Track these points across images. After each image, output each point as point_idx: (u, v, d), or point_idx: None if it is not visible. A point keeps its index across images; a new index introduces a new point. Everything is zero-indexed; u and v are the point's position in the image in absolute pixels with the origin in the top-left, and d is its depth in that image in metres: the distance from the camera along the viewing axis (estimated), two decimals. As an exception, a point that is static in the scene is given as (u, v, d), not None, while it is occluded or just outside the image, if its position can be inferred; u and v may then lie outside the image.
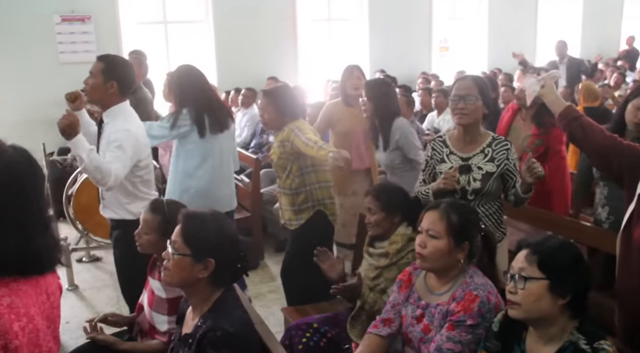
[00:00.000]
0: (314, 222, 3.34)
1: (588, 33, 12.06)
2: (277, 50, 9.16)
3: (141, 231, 2.43)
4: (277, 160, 3.33)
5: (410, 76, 9.29)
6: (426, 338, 1.97)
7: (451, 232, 1.95)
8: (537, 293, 1.60)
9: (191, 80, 3.44)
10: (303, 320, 2.64)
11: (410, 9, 10.20)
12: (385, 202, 2.53)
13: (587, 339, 1.58)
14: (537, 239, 1.70)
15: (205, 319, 1.77)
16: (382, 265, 2.50)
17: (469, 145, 2.60)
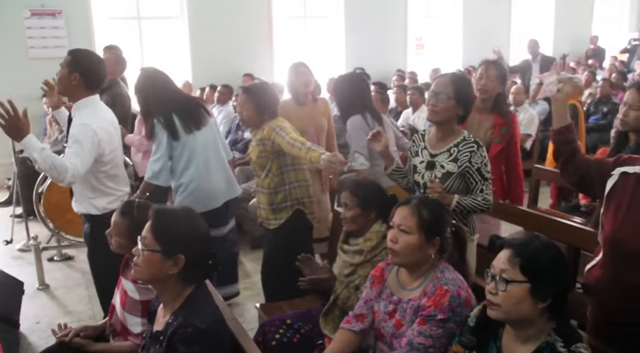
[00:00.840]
0: (294, 221, 3.33)
1: (560, 32, 12.26)
2: (253, 47, 9.12)
3: (112, 232, 2.40)
4: (256, 158, 3.29)
5: (386, 73, 9.33)
6: (398, 333, 1.98)
7: (422, 227, 1.96)
8: (518, 296, 1.60)
9: (150, 87, 3.43)
10: (276, 317, 2.64)
11: (386, 6, 10.24)
12: (362, 197, 2.52)
13: (564, 341, 1.59)
14: (520, 240, 1.68)
15: (176, 316, 1.76)
16: (356, 262, 2.50)
17: (439, 142, 2.62)
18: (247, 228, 5.22)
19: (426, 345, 1.85)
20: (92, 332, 2.48)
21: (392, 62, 10.13)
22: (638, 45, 12.37)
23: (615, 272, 1.85)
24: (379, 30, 10.12)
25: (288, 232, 3.30)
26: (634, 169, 1.87)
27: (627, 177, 1.88)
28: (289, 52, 9.34)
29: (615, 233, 1.85)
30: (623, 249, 1.81)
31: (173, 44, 8.94)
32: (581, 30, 12.61)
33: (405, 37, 10.69)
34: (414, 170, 2.68)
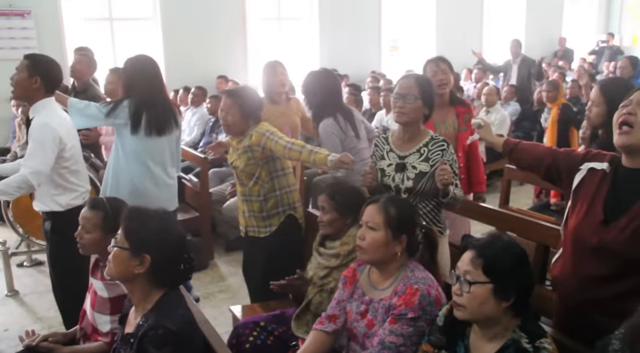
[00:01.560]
0: (286, 227, 3.20)
1: (531, 33, 12.48)
2: (227, 49, 9.09)
3: (82, 231, 2.36)
4: (243, 166, 3.10)
5: (360, 75, 9.38)
6: (370, 333, 1.99)
7: (389, 224, 1.99)
8: (481, 296, 1.63)
9: (143, 71, 3.33)
10: (250, 319, 2.63)
11: (360, 8, 10.29)
12: (339, 202, 2.52)
13: (529, 337, 1.62)
14: (483, 241, 1.71)
15: (147, 318, 1.76)
16: (332, 265, 2.51)
17: (407, 143, 2.63)
18: (222, 230, 5.19)
19: (397, 344, 1.87)
20: (61, 337, 2.44)
21: (366, 63, 10.18)
22: (605, 47, 12.66)
23: (576, 264, 1.89)
24: (353, 32, 10.17)
25: (283, 238, 3.17)
26: (601, 166, 1.91)
27: (594, 172, 1.92)
28: (263, 54, 9.33)
29: (577, 227, 1.89)
30: (583, 243, 1.86)
31: (146, 46, 8.82)
32: (551, 32, 12.86)
33: (379, 38, 10.77)
34: (382, 173, 2.68)
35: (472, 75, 9.53)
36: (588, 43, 13.37)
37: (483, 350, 1.70)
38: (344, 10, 10.01)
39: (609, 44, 12.78)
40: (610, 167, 1.89)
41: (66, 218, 2.78)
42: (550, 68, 9.92)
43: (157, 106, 3.33)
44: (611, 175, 1.88)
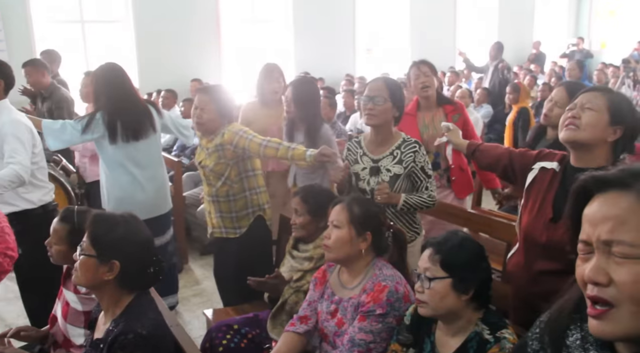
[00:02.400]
0: (256, 228, 3.20)
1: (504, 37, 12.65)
2: (201, 52, 9.05)
3: (51, 241, 2.34)
4: (213, 166, 3.08)
5: (335, 78, 9.42)
6: (340, 331, 2.02)
7: (352, 221, 2.03)
8: (442, 291, 1.69)
9: (109, 81, 3.32)
10: (223, 322, 2.62)
11: (334, 11, 10.34)
12: (313, 205, 2.53)
13: (490, 329, 1.68)
14: (439, 238, 1.78)
15: (116, 323, 1.74)
16: (305, 268, 2.52)
17: (380, 147, 2.66)
18: (196, 234, 5.16)
19: (367, 341, 1.90)
20: (34, 333, 2.42)
21: (341, 66, 10.24)
22: (576, 50, 12.93)
23: (528, 260, 1.96)
24: (327, 34, 10.21)
25: (252, 239, 3.18)
26: (551, 165, 1.97)
27: (545, 171, 1.98)
28: (237, 56, 9.32)
29: (528, 225, 1.96)
30: (534, 240, 1.93)
31: (118, 48, 8.76)
32: (523, 36, 13.09)
33: (353, 41, 10.83)
34: (356, 177, 2.70)
35: (445, 78, 9.64)
36: (559, 47, 13.63)
37: (448, 345, 1.74)
38: (318, 13, 10.04)
39: (579, 47, 13.07)
40: (560, 166, 1.95)
41: (40, 216, 2.79)
42: (522, 71, 10.09)
43: (129, 112, 3.32)
44: (560, 174, 1.94)
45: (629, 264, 0.83)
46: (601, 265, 0.85)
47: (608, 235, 0.85)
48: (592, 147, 1.83)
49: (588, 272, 0.87)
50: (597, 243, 0.86)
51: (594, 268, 0.86)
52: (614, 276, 0.84)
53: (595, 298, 0.86)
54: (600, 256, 0.86)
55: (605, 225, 0.85)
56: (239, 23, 9.75)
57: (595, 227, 0.87)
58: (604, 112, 1.81)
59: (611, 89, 2.00)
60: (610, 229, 0.85)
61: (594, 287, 0.86)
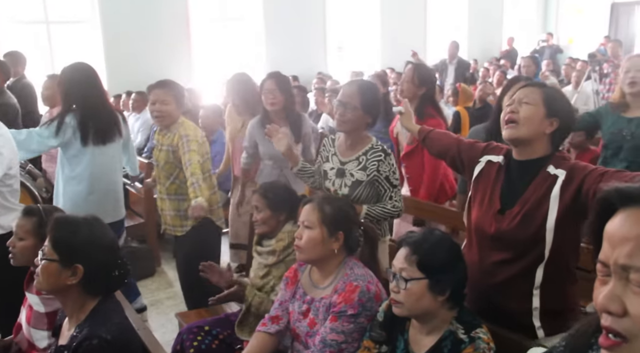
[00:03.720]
0: (202, 228, 3.23)
1: (474, 34, 12.82)
2: (170, 52, 8.93)
3: (15, 239, 2.28)
4: (163, 164, 3.15)
5: (307, 76, 9.40)
6: (312, 332, 2.00)
7: (324, 221, 2.01)
8: (418, 292, 1.67)
9: (79, 81, 3.23)
10: (194, 324, 2.60)
11: (305, 10, 10.32)
12: (272, 200, 2.56)
13: (465, 328, 1.67)
14: (415, 237, 1.75)
15: (81, 328, 1.70)
16: (270, 263, 2.52)
17: (349, 150, 2.65)
18: (169, 237, 5.09)
19: (339, 341, 1.88)
20: None
21: (312, 64, 10.22)
22: (546, 46, 13.13)
23: (480, 252, 1.97)
24: (298, 33, 10.19)
25: (198, 237, 3.22)
26: (497, 159, 2.00)
27: (492, 165, 2.01)
28: (208, 57, 9.23)
29: (478, 218, 1.97)
30: (484, 232, 1.94)
31: (85, 49, 8.59)
32: (493, 33, 13.25)
33: (325, 39, 10.82)
34: (324, 175, 2.71)
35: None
36: (529, 43, 13.83)
37: (422, 343, 1.73)
38: (289, 11, 10.01)
39: (549, 43, 13.27)
40: (505, 160, 1.98)
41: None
42: (491, 67, 10.21)
43: (101, 115, 3.26)
44: (505, 168, 1.97)
45: None
46: (616, 292, 0.77)
47: (626, 259, 0.76)
48: (532, 141, 1.87)
49: (601, 298, 0.78)
50: (614, 266, 0.77)
51: (608, 296, 0.77)
52: (629, 307, 0.75)
53: (608, 329, 0.77)
54: (616, 282, 0.77)
55: (625, 247, 0.76)
56: (209, 22, 9.66)
57: (614, 248, 0.78)
58: (540, 106, 1.85)
59: (545, 84, 2.06)
60: (629, 253, 0.76)
61: (608, 316, 0.77)
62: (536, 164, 1.88)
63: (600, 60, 7.66)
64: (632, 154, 3.14)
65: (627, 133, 3.16)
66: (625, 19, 13.64)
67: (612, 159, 3.21)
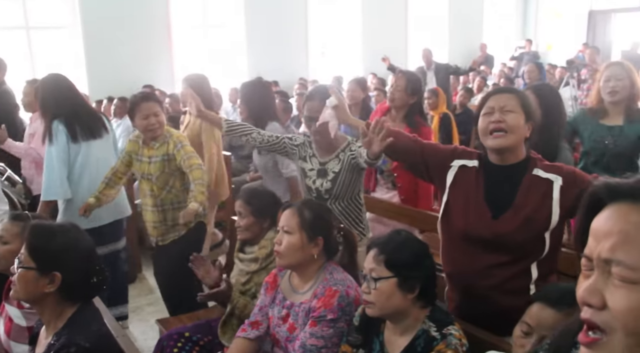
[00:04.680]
0: (194, 233, 3.24)
1: (454, 39, 12.95)
2: (152, 58, 8.90)
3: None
4: (158, 175, 3.08)
5: (289, 82, 9.42)
6: (292, 337, 2.01)
7: (304, 226, 2.02)
8: (387, 291, 1.70)
9: (57, 88, 3.35)
10: (174, 330, 2.59)
11: (286, 15, 10.35)
12: (256, 206, 2.54)
13: (437, 326, 1.71)
14: (383, 238, 1.80)
15: (58, 336, 1.68)
16: (252, 270, 2.52)
17: (327, 152, 2.70)
18: (150, 243, 5.07)
19: (318, 346, 1.90)
20: None
21: (294, 70, 10.24)
22: (524, 53, 13.31)
23: (472, 258, 1.98)
24: (280, 39, 10.20)
25: (186, 243, 3.20)
26: (472, 163, 2.01)
27: (466, 169, 2.01)
28: (190, 62, 9.20)
29: (467, 226, 1.97)
30: (477, 238, 1.95)
31: (66, 55, 8.53)
32: (472, 40, 13.39)
33: (306, 45, 10.86)
34: (303, 174, 2.76)
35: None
36: (508, 49, 14.00)
37: (396, 344, 1.76)
38: (270, 17, 10.03)
39: (527, 49, 13.45)
40: (480, 164, 2.00)
41: None
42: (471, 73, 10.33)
43: (81, 114, 3.38)
44: (482, 172, 1.99)
45: (626, 289, 0.74)
46: (597, 285, 0.78)
47: (608, 253, 0.77)
48: (516, 147, 1.90)
49: (582, 291, 0.79)
50: (597, 260, 0.78)
51: (589, 289, 0.78)
52: (609, 300, 0.76)
53: (587, 322, 0.78)
54: (599, 275, 0.78)
55: (608, 241, 0.77)
56: (191, 28, 9.64)
57: (598, 242, 0.79)
58: (520, 112, 1.88)
59: (515, 88, 2.09)
60: (612, 247, 0.77)
61: (588, 309, 0.78)
62: (518, 168, 1.92)
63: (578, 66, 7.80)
64: (615, 161, 3.16)
65: (610, 142, 3.18)
66: (603, 26, 13.88)
67: (594, 167, 3.20)
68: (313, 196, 2.70)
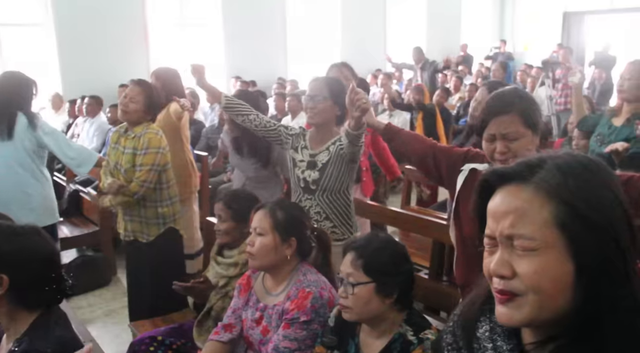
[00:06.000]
0: (166, 239, 3.21)
1: (432, 40, 13.03)
2: (128, 56, 8.76)
3: None
4: (129, 168, 3.06)
5: (267, 82, 9.37)
6: (265, 339, 1.98)
7: (276, 227, 1.99)
8: (365, 296, 1.68)
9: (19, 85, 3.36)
10: (147, 334, 2.54)
11: (264, 15, 10.28)
12: (236, 210, 2.49)
13: (414, 330, 1.69)
14: (360, 241, 1.76)
15: (19, 343, 1.62)
16: (231, 274, 2.47)
17: (319, 144, 2.68)
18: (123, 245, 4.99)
19: (292, 348, 1.87)
20: None
21: (272, 70, 10.18)
22: (499, 53, 13.47)
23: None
24: (258, 38, 10.14)
25: (161, 248, 3.17)
26: (483, 166, 1.97)
27: (477, 173, 1.96)
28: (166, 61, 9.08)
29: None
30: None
31: (39, 53, 8.35)
32: (451, 40, 13.50)
33: (285, 44, 10.81)
34: (293, 163, 2.73)
35: (378, 80, 9.79)
36: (485, 49, 14.14)
37: (372, 346, 1.74)
38: (249, 16, 9.96)
39: (502, 50, 13.61)
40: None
41: None
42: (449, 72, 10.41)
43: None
44: None
45: (529, 256, 0.85)
46: (505, 258, 0.88)
47: (509, 229, 0.87)
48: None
49: (493, 265, 0.89)
50: (500, 238, 0.88)
51: (498, 262, 0.88)
52: (517, 269, 0.86)
53: (501, 292, 0.88)
54: (503, 250, 0.88)
55: (507, 219, 0.87)
56: (167, 27, 9.52)
57: (497, 222, 0.88)
58: (526, 131, 1.78)
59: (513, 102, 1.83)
60: (511, 223, 0.86)
61: (500, 281, 0.88)
62: None
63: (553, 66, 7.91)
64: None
65: (599, 139, 3.19)
66: (577, 27, 14.10)
67: None
68: (301, 187, 2.66)
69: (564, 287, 0.84)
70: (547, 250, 0.84)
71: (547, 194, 0.86)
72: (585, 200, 0.85)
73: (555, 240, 0.84)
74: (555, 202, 0.85)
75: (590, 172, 0.89)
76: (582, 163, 0.90)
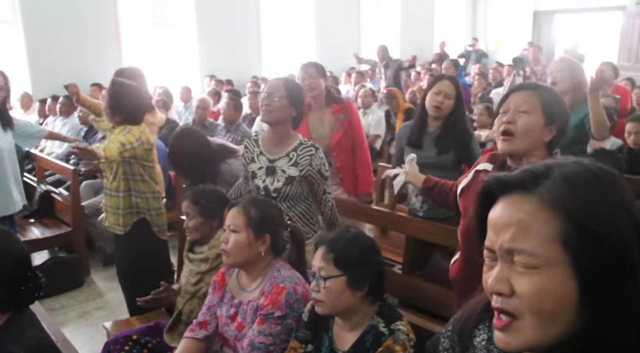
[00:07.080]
0: (138, 231, 3.18)
1: (406, 38, 13.13)
2: (99, 55, 8.63)
3: None
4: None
5: (241, 81, 9.33)
6: (240, 335, 1.99)
7: (250, 224, 2.01)
8: (337, 289, 1.71)
9: None
10: (121, 334, 2.52)
11: (239, 13, 10.25)
12: (203, 206, 2.50)
13: (385, 322, 1.72)
14: (331, 236, 1.79)
15: (-10, 346, 1.61)
16: (202, 270, 2.48)
17: (276, 147, 2.65)
18: (99, 245, 4.94)
19: (267, 344, 1.89)
20: None
21: (246, 68, 10.15)
22: (472, 51, 13.63)
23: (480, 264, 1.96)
24: (232, 37, 10.10)
25: (136, 242, 3.17)
26: (484, 166, 2.00)
27: (480, 172, 1.99)
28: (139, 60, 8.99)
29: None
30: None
31: (7, 51, 8.18)
32: (424, 39, 13.63)
33: (259, 43, 10.78)
34: (252, 176, 2.70)
35: (351, 78, 9.84)
36: (459, 47, 14.30)
37: (345, 339, 1.77)
38: (223, 15, 9.91)
39: (475, 48, 13.77)
40: (493, 167, 1.94)
41: None
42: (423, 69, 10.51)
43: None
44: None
45: (529, 274, 0.79)
46: (504, 274, 0.82)
47: (510, 243, 0.81)
48: (530, 151, 1.78)
49: (490, 281, 0.83)
50: (500, 251, 0.82)
51: (496, 279, 0.82)
52: (516, 287, 0.80)
53: (499, 310, 0.82)
54: (503, 265, 0.82)
55: (507, 232, 0.81)
56: (140, 25, 9.42)
57: (498, 234, 0.83)
58: (539, 113, 1.75)
59: (539, 85, 1.88)
60: (512, 237, 0.81)
61: (497, 298, 0.82)
62: None
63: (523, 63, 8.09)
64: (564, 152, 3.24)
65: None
66: (547, 26, 14.36)
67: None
68: (261, 194, 2.64)
69: (566, 306, 0.78)
70: (549, 268, 0.78)
71: (552, 207, 0.79)
72: (593, 214, 0.78)
73: (558, 258, 0.78)
74: (560, 216, 0.79)
75: (600, 182, 0.82)
76: (592, 172, 0.82)
